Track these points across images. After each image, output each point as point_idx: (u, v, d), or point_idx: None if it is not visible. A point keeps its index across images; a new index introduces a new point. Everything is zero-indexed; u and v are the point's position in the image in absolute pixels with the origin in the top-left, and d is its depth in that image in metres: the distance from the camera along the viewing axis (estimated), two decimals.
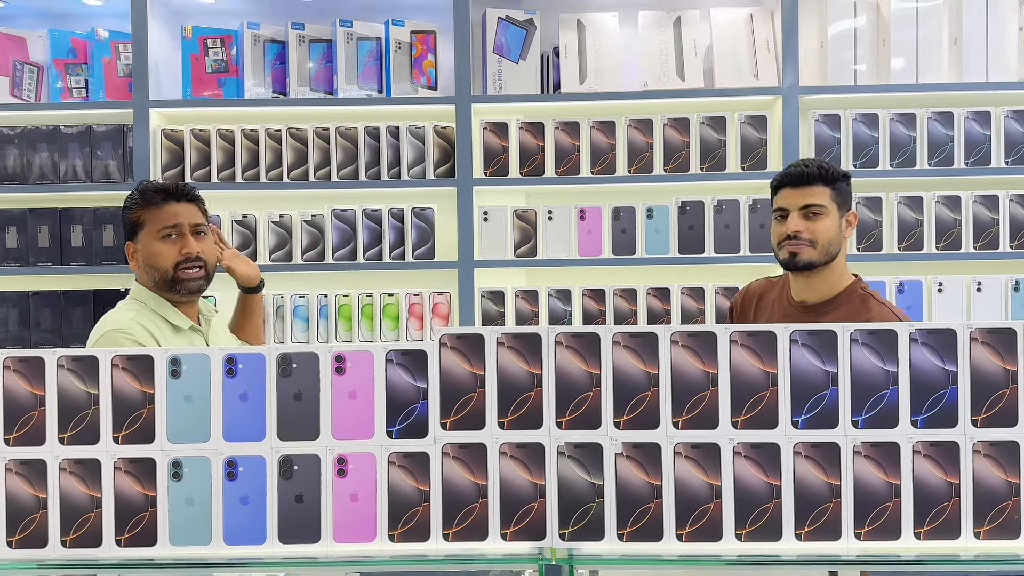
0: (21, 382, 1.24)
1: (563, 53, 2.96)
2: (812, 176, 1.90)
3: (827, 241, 1.89)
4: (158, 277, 1.79)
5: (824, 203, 1.90)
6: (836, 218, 1.91)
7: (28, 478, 1.23)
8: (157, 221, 1.79)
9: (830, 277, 1.93)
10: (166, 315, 1.81)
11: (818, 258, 1.90)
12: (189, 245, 1.79)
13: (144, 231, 1.80)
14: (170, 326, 1.81)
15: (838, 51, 2.91)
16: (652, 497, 1.25)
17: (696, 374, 1.26)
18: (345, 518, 1.24)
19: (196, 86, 3.03)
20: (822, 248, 1.89)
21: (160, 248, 1.79)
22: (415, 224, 2.93)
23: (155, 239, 1.79)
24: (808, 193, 1.90)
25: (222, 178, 2.97)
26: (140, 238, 1.81)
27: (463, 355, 1.25)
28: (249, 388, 1.25)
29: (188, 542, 1.23)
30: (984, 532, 1.24)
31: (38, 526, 1.23)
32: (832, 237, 1.90)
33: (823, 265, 1.92)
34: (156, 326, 1.79)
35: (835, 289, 1.94)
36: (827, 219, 1.90)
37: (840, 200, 1.92)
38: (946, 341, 1.26)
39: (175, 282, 1.79)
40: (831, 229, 1.90)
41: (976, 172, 2.87)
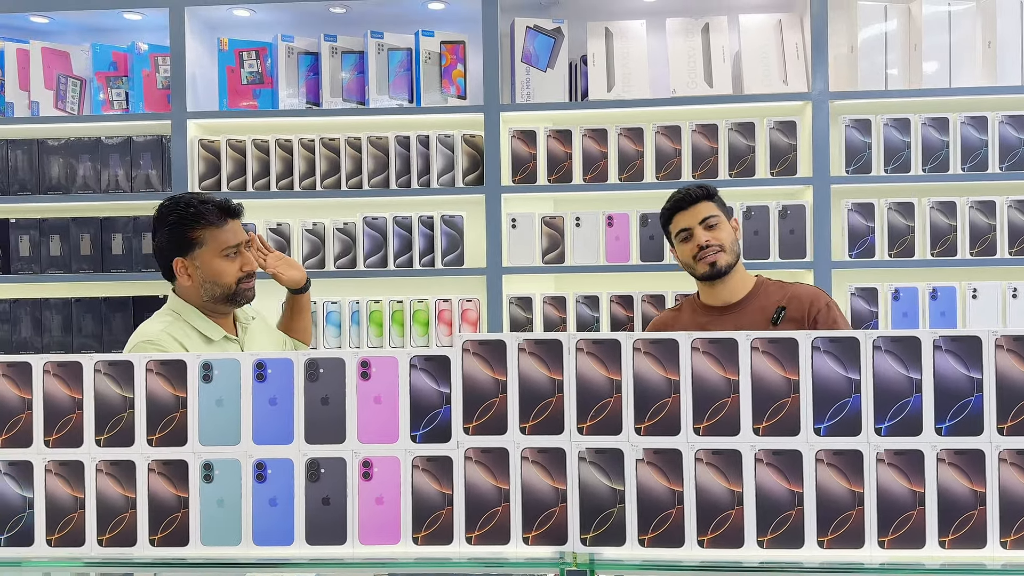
0: (60, 386, 1.29)
1: (591, 61, 2.98)
2: (698, 195, 2.16)
3: (731, 243, 2.14)
4: (220, 292, 1.86)
5: (716, 213, 2.15)
6: (728, 225, 2.16)
7: (67, 479, 1.28)
8: (219, 241, 1.85)
9: (738, 277, 2.17)
10: (200, 328, 1.87)
11: (732, 259, 2.14)
12: (250, 262, 1.89)
13: (204, 249, 1.84)
14: (202, 338, 1.86)
15: (869, 56, 2.88)
16: (673, 503, 1.25)
17: (717, 381, 1.26)
18: (370, 520, 1.27)
19: (232, 97, 3.10)
20: (730, 250, 2.14)
21: (224, 266, 1.85)
22: (444, 231, 2.97)
23: (217, 257, 1.85)
24: (699, 210, 2.15)
25: (257, 187, 3.03)
26: (199, 255, 1.84)
27: (485, 361, 1.28)
28: (278, 392, 1.28)
29: (219, 542, 1.27)
30: (1011, 542, 1.23)
31: (76, 525, 1.27)
32: (733, 240, 2.15)
33: (732, 267, 2.14)
34: (187, 336, 1.84)
35: (746, 287, 2.18)
36: (724, 226, 2.15)
37: (724, 210, 2.19)
38: (971, 348, 1.25)
39: (236, 295, 1.88)
40: (730, 234, 2.16)
41: (1011, 176, 2.82)
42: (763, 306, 2.13)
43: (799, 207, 2.86)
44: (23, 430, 1.29)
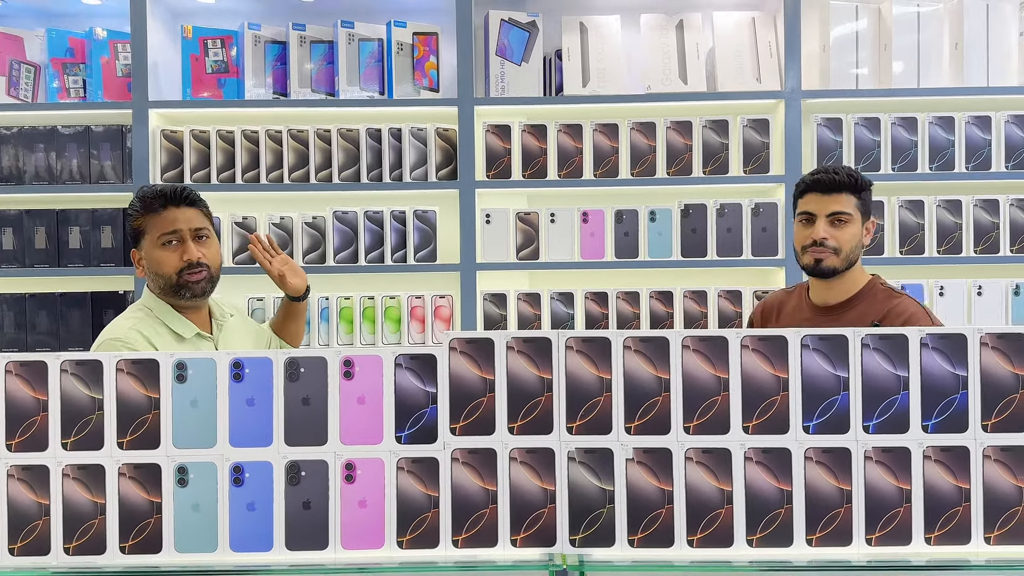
0: (23, 387, 1.23)
1: (566, 55, 2.95)
2: (842, 184, 1.93)
3: (850, 249, 1.93)
4: (163, 284, 1.80)
5: (851, 211, 1.93)
6: (859, 226, 1.95)
7: (30, 484, 1.22)
8: (157, 228, 1.79)
9: (849, 278, 1.97)
10: (170, 323, 1.81)
11: (840, 265, 1.94)
12: (190, 251, 1.78)
13: (146, 238, 1.80)
14: (173, 335, 1.80)
15: (840, 55, 2.91)
16: (663, 503, 1.24)
17: (707, 379, 1.25)
18: (353, 524, 1.23)
19: (196, 87, 3.01)
20: (845, 256, 1.93)
21: (161, 255, 1.78)
22: (417, 226, 2.92)
23: (156, 246, 1.79)
24: (836, 200, 1.92)
25: (222, 179, 2.95)
26: (143, 245, 1.81)
27: (472, 359, 1.24)
28: (256, 393, 1.24)
29: (194, 549, 1.22)
30: (994, 538, 1.23)
31: (40, 533, 1.21)
32: (855, 245, 1.94)
33: (845, 271, 1.96)
34: (158, 334, 1.78)
35: (854, 288, 1.98)
36: (852, 227, 1.93)
37: (863, 209, 1.96)
38: (956, 346, 1.25)
39: (179, 287, 1.79)
40: (855, 237, 1.94)
41: (977, 176, 2.87)
42: (864, 314, 1.94)
43: (771, 205, 2.88)
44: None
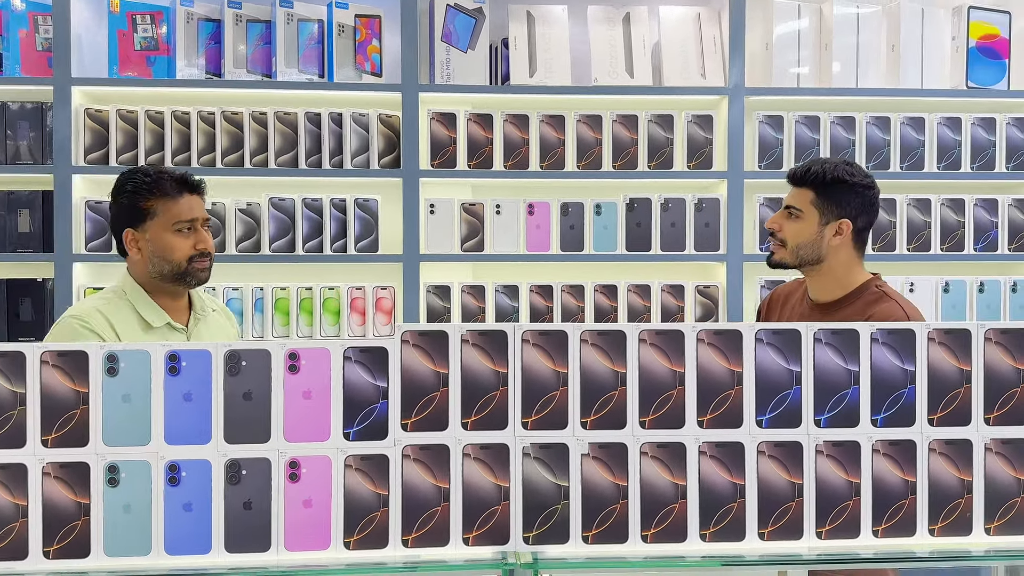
0: None
1: (512, 45, 2.92)
2: (798, 177, 1.88)
3: (796, 244, 1.87)
4: (168, 269, 1.77)
5: (801, 206, 1.87)
6: (815, 223, 1.86)
7: None
8: (172, 214, 1.76)
9: (832, 277, 1.89)
10: (141, 311, 1.76)
11: (788, 259, 1.89)
12: (204, 240, 1.79)
13: (155, 221, 1.76)
14: (141, 322, 1.75)
15: (782, 53, 2.95)
16: (618, 498, 1.22)
17: (663, 373, 1.24)
18: (297, 525, 1.18)
19: (123, 64, 2.86)
20: (791, 250, 1.88)
21: (175, 241, 1.76)
22: (358, 215, 2.84)
23: (168, 231, 1.76)
24: (794, 194, 1.89)
25: (150, 162, 2.82)
26: (149, 227, 1.76)
27: (426, 353, 1.20)
28: (193, 387, 1.17)
29: (125, 552, 1.15)
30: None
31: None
32: (804, 241, 1.86)
33: (804, 266, 1.90)
34: (124, 319, 1.73)
35: (846, 287, 1.89)
36: (802, 223, 1.86)
37: (824, 206, 1.86)
38: (905, 341, 1.27)
39: (186, 274, 1.78)
40: (802, 233, 1.86)
41: (910, 176, 2.96)
42: (854, 314, 1.84)
43: (714, 200, 2.90)
44: None
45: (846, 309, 1.88)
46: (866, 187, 1.88)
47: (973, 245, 2.96)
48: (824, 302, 1.92)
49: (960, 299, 2.95)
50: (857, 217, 1.87)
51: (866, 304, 1.86)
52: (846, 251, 1.88)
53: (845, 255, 1.88)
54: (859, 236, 1.90)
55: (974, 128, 2.97)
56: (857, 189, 1.87)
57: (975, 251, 2.96)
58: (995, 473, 1.26)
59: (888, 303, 1.85)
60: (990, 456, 1.27)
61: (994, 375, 1.27)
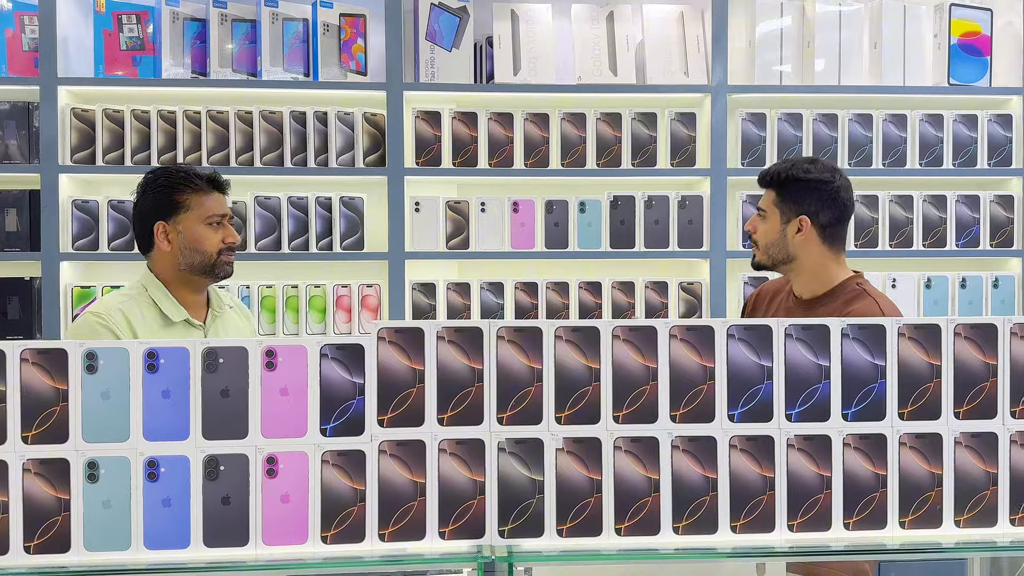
0: None
1: (497, 43, 2.93)
2: (761, 180, 1.94)
3: (766, 243, 1.92)
4: (199, 260, 1.85)
5: (766, 207, 1.92)
6: (777, 222, 1.90)
7: None
8: (205, 208, 1.86)
9: (810, 274, 1.92)
10: (162, 305, 1.84)
11: (763, 259, 1.94)
12: (233, 234, 1.89)
13: (188, 214, 1.85)
14: (162, 317, 1.83)
15: (765, 51, 2.97)
16: (592, 492, 1.24)
17: (637, 368, 1.25)
18: (275, 520, 1.19)
19: (109, 64, 2.87)
20: (763, 249, 1.93)
21: (208, 234, 1.85)
22: (343, 214, 2.86)
23: (201, 224, 1.85)
24: (763, 196, 1.94)
25: (136, 161, 2.83)
26: (182, 220, 1.84)
27: (402, 349, 1.22)
28: (171, 384, 1.18)
29: (105, 547, 1.16)
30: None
31: None
32: (771, 240, 1.90)
33: (780, 266, 1.93)
34: (143, 315, 1.81)
35: (826, 284, 1.91)
36: (767, 223, 1.92)
37: (784, 205, 1.89)
38: (876, 336, 1.29)
39: (216, 266, 1.86)
40: (768, 233, 1.91)
41: (892, 173, 2.98)
42: (834, 310, 1.86)
43: (697, 198, 2.93)
44: None
45: (827, 306, 1.90)
46: (823, 182, 1.88)
47: (955, 241, 2.99)
48: (806, 299, 1.94)
49: (942, 295, 2.98)
50: (818, 213, 1.88)
51: (845, 302, 1.88)
52: (815, 247, 1.90)
53: (816, 252, 1.90)
54: (827, 232, 1.90)
55: (956, 125, 3.00)
56: (812, 185, 1.88)
57: (957, 247, 2.99)
58: (965, 466, 1.28)
59: (866, 301, 1.86)
60: (960, 450, 1.29)
61: (964, 370, 1.29)
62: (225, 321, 1.95)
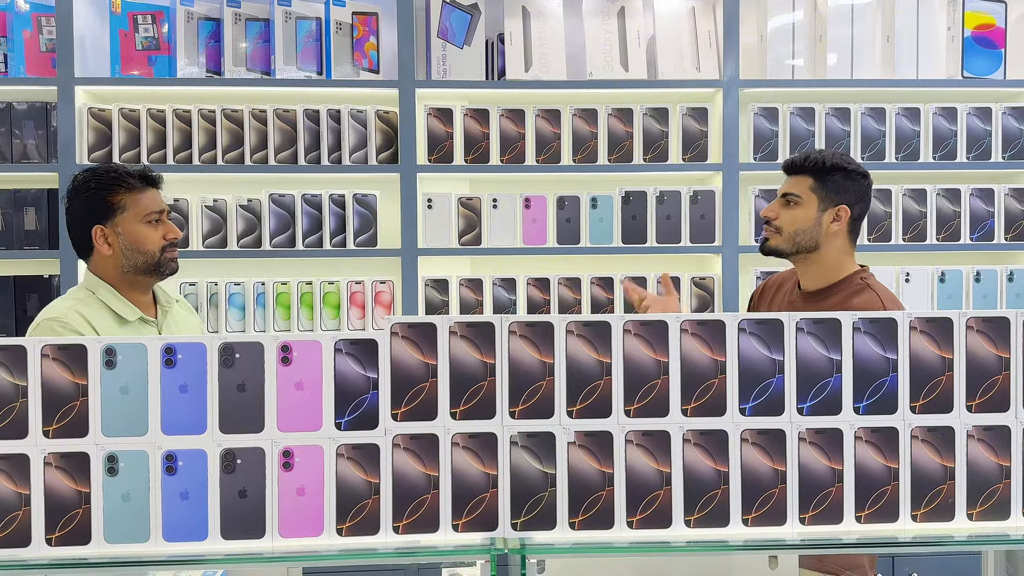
0: None
1: (508, 40, 2.94)
2: (798, 165, 1.92)
3: (794, 231, 1.90)
4: (142, 261, 1.81)
5: (801, 193, 1.90)
6: (814, 209, 1.90)
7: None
8: (141, 206, 1.81)
9: (823, 265, 1.93)
10: (114, 306, 1.79)
11: (784, 245, 1.92)
12: (174, 230, 1.85)
13: (125, 215, 1.80)
14: (116, 318, 1.79)
15: (776, 45, 2.96)
16: (604, 485, 1.25)
17: (648, 363, 1.26)
18: (291, 512, 1.21)
19: (125, 64, 2.90)
20: (788, 236, 1.91)
21: (147, 232, 1.81)
22: (357, 211, 2.88)
23: (140, 223, 1.81)
24: (792, 182, 1.93)
25: (152, 160, 2.86)
26: (120, 222, 1.80)
27: (415, 344, 1.23)
28: (189, 379, 1.20)
29: (125, 539, 1.18)
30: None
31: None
32: (802, 227, 1.90)
33: (800, 254, 1.93)
34: (100, 317, 1.76)
35: (834, 277, 1.93)
36: (800, 209, 1.90)
37: (822, 192, 1.90)
38: (887, 330, 1.29)
39: (160, 264, 1.83)
40: (801, 219, 1.90)
41: (906, 167, 2.97)
42: (839, 303, 1.88)
43: (709, 193, 2.92)
44: None
45: (831, 299, 1.91)
46: (862, 175, 1.94)
47: (969, 235, 2.97)
48: (812, 291, 1.95)
49: (956, 289, 2.96)
50: (854, 205, 1.92)
51: (848, 295, 1.89)
52: (841, 239, 1.93)
53: (840, 243, 1.93)
54: (853, 225, 1.94)
55: (970, 118, 2.98)
56: (854, 177, 1.92)
57: (971, 241, 2.97)
58: (977, 459, 1.28)
59: (868, 294, 1.88)
60: (972, 443, 1.28)
61: (976, 363, 1.28)
62: (175, 316, 1.91)
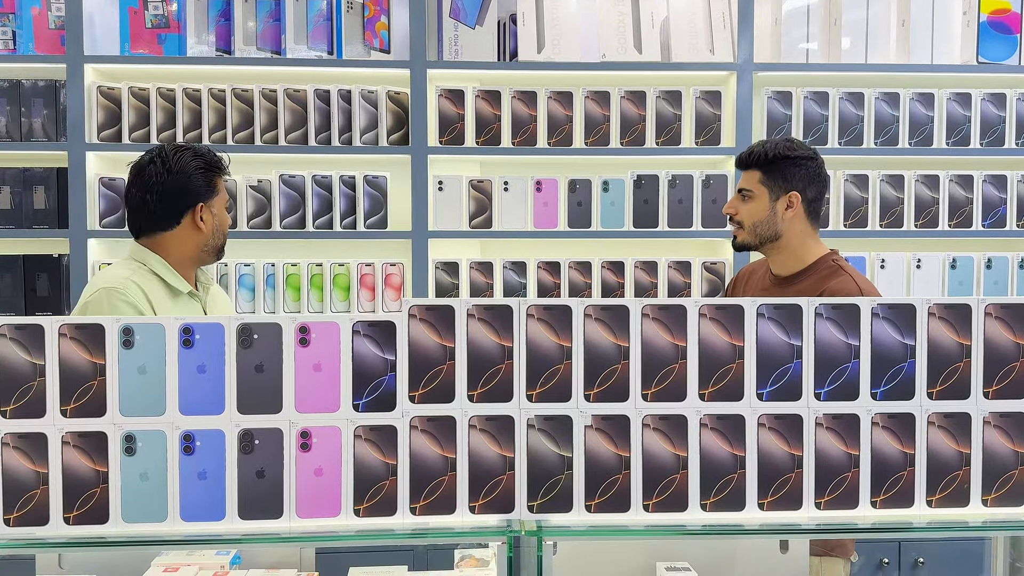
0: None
1: (521, 20, 2.91)
2: (744, 161, 1.99)
3: (752, 224, 1.96)
4: (221, 243, 1.91)
5: (752, 187, 1.97)
6: (766, 200, 1.95)
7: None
8: (225, 193, 1.93)
9: (790, 252, 1.99)
10: (167, 278, 1.83)
11: (748, 239, 1.98)
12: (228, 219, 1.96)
13: (218, 198, 1.89)
14: (168, 289, 1.83)
15: (791, 29, 2.94)
16: (620, 468, 1.25)
17: (666, 347, 1.26)
18: (309, 493, 1.21)
19: (134, 42, 2.88)
20: (749, 230, 1.97)
21: (226, 218, 1.93)
22: (367, 192, 2.87)
23: (223, 208, 1.91)
24: (744, 177, 1.99)
25: (162, 139, 2.85)
26: (215, 203, 1.88)
27: (432, 327, 1.23)
28: (207, 359, 1.20)
29: (142, 518, 1.18)
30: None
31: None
32: (759, 219, 1.96)
33: (764, 244, 1.98)
34: (153, 288, 1.80)
35: (804, 261, 1.99)
36: (754, 202, 1.96)
37: (772, 183, 1.95)
38: (907, 315, 1.28)
39: (222, 249, 1.93)
40: (756, 212, 1.96)
41: (919, 152, 2.95)
42: (811, 287, 1.93)
43: (721, 177, 2.91)
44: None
45: (803, 283, 1.96)
46: (808, 158, 1.97)
47: (981, 221, 2.96)
48: (784, 276, 2.01)
49: (967, 276, 2.95)
50: (805, 188, 1.96)
51: (821, 278, 1.94)
52: (800, 224, 1.97)
53: (800, 227, 1.97)
54: (811, 208, 1.98)
55: (984, 104, 2.95)
56: (799, 162, 1.96)
57: (983, 227, 2.96)
58: (993, 446, 1.28)
59: (842, 277, 1.92)
60: (988, 429, 1.28)
61: (994, 350, 1.28)
62: (213, 294, 1.98)
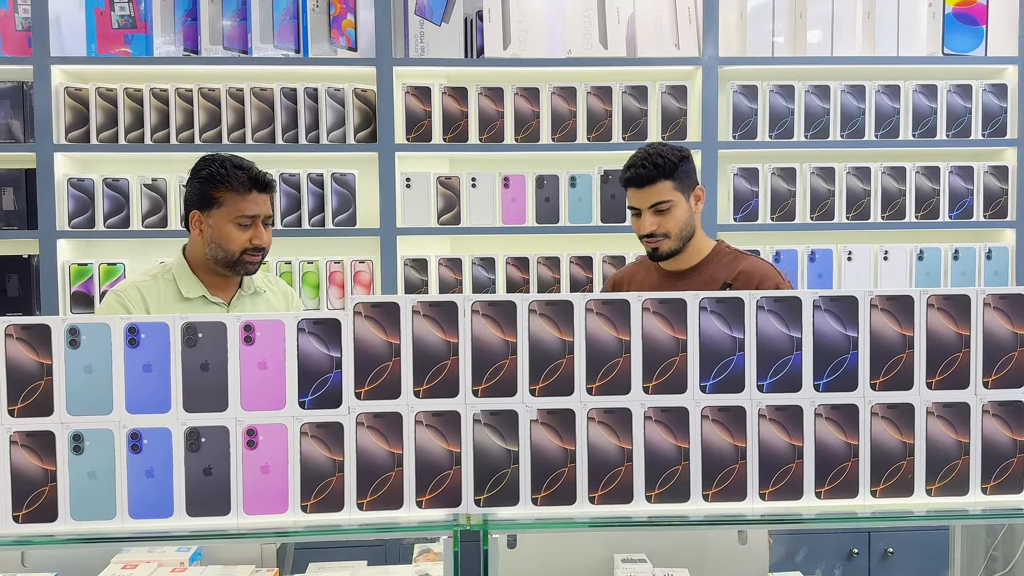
0: None
1: (487, 17, 2.92)
2: (654, 174, 1.93)
3: (679, 230, 1.97)
4: (222, 256, 1.87)
5: (669, 197, 1.94)
6: (684, 204, 1.97)
7: None
8: (237, 208, 1.84)
9: (695, 246, 2.03)
10: (180, 283, 1.89)
11: (677, 246, 1.98)
12: (260, 237, 1.87)
13: (220, 210, 1.85)
14: (177, 293, 1.87)
15: (757, 22, 2.95)
16: (566, 462, 1.26)
17: (610, 341, 1.27)
18: (256, 490, 1.22)
19: (101, 43, 2.87)
20: (676, 236, 1.97)
21: (233, 233, 1.85)
22: (335, 190, 2.87)
23: (229, 222, 1.84)
24: (653, 192, 1.94)
25: (130, 140, 2.84)
26: (214, 214, 1.85)
27: (378, 324, 1.24)
28: (153, 358, 1.21)
29: (92, 516, 1.20)
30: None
31: None
32: (684, 223, 1.97)
33: (687, 244, 2.00)
34: (160, 292, 1.87)
35: (703, 252, 2.04)
36: (676, 210, 1.95)
37: (683, 186, 1.96)
38: (848, 308, 1.30)
39: (237, 264, 1.87)
40: (681, 218, 1.96)
41: (886, 144, 2.97)
42: (713, 277, 2.00)
43: None
44: None
45: (705, 272, 2.02)
46: (685, 155, 2.00)
47: (948, 213, 2.99)
48: (680, 270, 2.04)
49: (935, 267, 2.98)
50: (697, 182, 2.03)
51: (724, 265, 2.01)
52: (698, 216, 2.03)
53: (698, 220, 2.04)
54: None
55: (950, 95, 2.98)
56: (689, 159, 2.00)
57: (950, 219, 2.99)
58: (937, 436, 1.30)
59: (749, 259, 2.02)
60: (932, 420, 1.30)
61: (937, 340, 1.30)
62: (256, 301, 1.97)
